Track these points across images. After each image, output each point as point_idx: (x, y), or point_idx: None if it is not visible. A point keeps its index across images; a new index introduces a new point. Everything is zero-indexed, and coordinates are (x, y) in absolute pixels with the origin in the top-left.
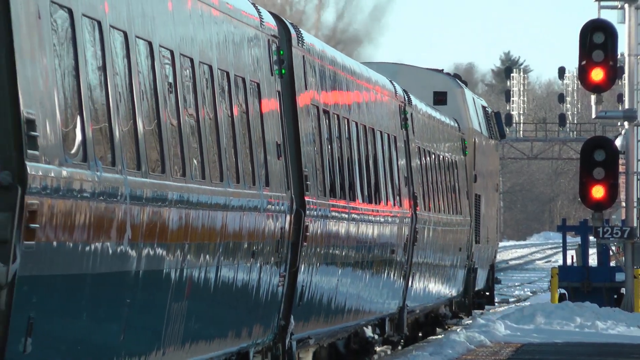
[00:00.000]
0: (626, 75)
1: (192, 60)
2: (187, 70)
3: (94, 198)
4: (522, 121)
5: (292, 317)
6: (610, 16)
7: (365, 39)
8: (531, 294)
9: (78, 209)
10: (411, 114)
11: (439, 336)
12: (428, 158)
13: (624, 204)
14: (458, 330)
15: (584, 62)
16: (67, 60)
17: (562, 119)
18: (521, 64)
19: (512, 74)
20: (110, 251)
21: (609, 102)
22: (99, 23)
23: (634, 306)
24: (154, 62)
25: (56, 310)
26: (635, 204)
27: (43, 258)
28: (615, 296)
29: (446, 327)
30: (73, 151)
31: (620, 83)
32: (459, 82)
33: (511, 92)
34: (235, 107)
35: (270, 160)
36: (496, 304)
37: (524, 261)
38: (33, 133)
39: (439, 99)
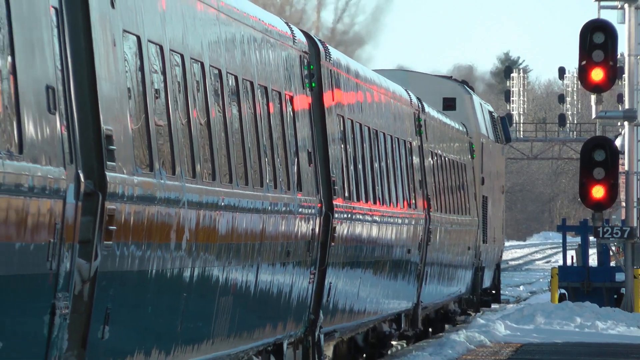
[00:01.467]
0: (626, 75)
1: (236, 78)
2: (233, 87)
3: (159, 203)
4: (522, 121)
5: (320, 312)
6: (610, 16)
7: (365, 40)
8: (531, 294)
9: (146, 213)
10: (424, 120)
11: (448, 333)
12: (439, 162)
13: (624, 204)
14: (458, 330)
15: (584, 62)
16: (135, 81)
17: (562, 119)
18: (520, 64)
19: (511, 74)
20: (173, 250)
21: (609, 102)
22: (161, 47)
23: (634, 306)
24: (205, 80)
25: (128, 302)
26: (635, 204)
27: (118, 256)
28: (615, 296)
29: (455, 323)
30: (142, 162)
31: (620, 83)
32: (467, 88)
33: (511, 92)
34: (273, 119)
35: (303, 166)
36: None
37: (524, 261)
38: (111, 147)
39: (448, 104)
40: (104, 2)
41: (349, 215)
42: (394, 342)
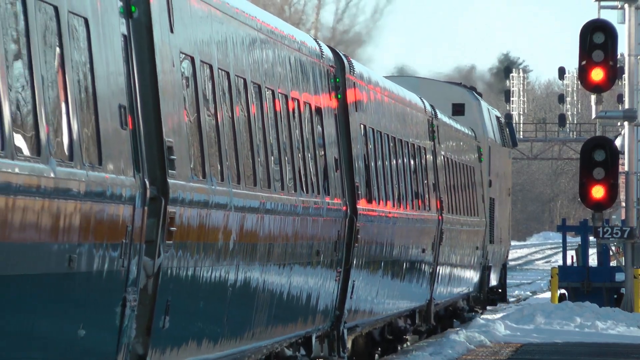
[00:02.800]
0: (626, 75)
1: (273, 92)
2: (270, 100)
3: (210, 207)
4: (522, 121)
5: (345, 308)
6: (610, 16)
7: (365, 40)
8: (531, 294)
9: (200, 216)
10: (437, 126)
11: (448, 333)
12: (450, 165)
13: (624, 204)
14: (458, 330)
15: (584, 62)
16: (191, 98)
17: (562, 119)
18: (520, 64)
19: (511, 74)
20: (221, 250)
21: (609, 102)
22: (211, 67)
23: (634, 306)
24: (247, 95)
25: (184, 295)
26: (635, 204)
27: (177, 254)
28: (615, 296)
29: (464, 320)
30: (196, 170)
31: (620, 83)
32: (475, 94)
33: (511, 92)
34: (304, 129)
35: (330, 172)
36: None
37: (524, 261)
38: (172, 157)
39: (457, 110)
40: (165, 28)
41: (371, 218)
42: (408, 337)
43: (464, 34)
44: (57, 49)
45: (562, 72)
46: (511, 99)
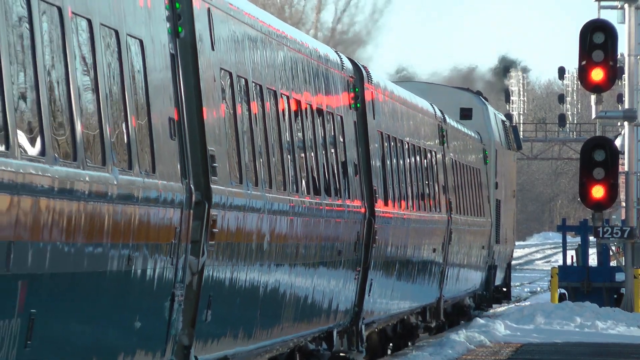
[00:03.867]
0: (626, 75)
1: (299, 102)
2: (297, 110)
3: (247, 210)
4: (521, 121)
5: (363, 305)
6: (610, 16)
7: (365, 40)
8: (531, 294)
9: (238, 218)
10: (446, 131)
11: (448, 333)
12: (459, 168)
13: (624, 204)
14: (458, 330)
15: (584, 62)
16: (229, 109)
17: (562, 119)
18: (520, 63)
19: (511, 74)
20: (256, 249)
21: (609, 102)
22: (246, 80)
23: (634, 306)
24: (277, 106)
25: (224, 291)
26: (635, 204)
27: (219, 253)
28: (615, 296)
29: (470, 317)
30: (234, 176)
31: (620, 83)
32: (482, 99)
33: (511, 92)
34: (327, 136)
35: (351, 177)
36: (495, 304)
37: (524, 261)
38: (214, 164)
39: (465, 114)
40: (207, 46)
41: (388, 219)
42: (420, 333)
43: (464, 33)
44: (118, 68)
45: (562, 72)
46: (511, 98)
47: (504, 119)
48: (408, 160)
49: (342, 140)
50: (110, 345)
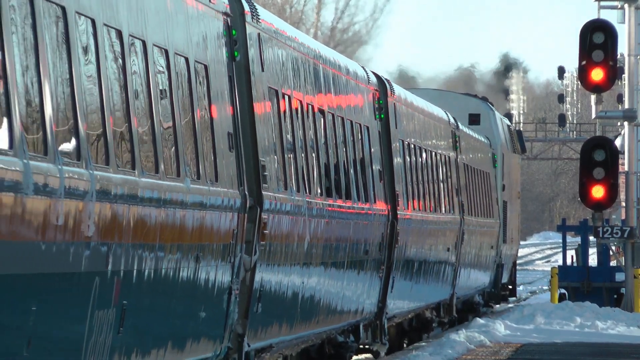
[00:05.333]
0: (626, 75)
1: (333, 115)
2: (331, 122)
3: (291, 214)
4: (521, 121)
5: (387, 300)
6: (610, 16)
7: (365, 40)
8: (531, 294)
9: (284, 220)
10: (459, 136)
11: (448, 333)
12: (470, 171)
13: (624, 204)
14: (458, 330)
15: (584, 62)
16: (276, 124)
17: (562, 119)
18: (520, 64)
19: (511, 74)
20: (299, 249)
21: (609, 102)
22: (289, 97)
23: (634, 306)
24: (314, 118)
25: (272, 286)
26: (635, 204)
27: (268, 252)
28: (615, 296)
29: (480, 313)
30: (281, 183)
31: (620, 83)
32: (489, 105)
33: (510, 91)
34: (356, 145)
35: (377, 183)
36: (496, 305)
37: (524, 261)
38: (265, 173)
39: (473, 119)
40: (258, 67)
41: (408, 221)
42: (434, 325)
43: (464, 33)
44: (188, 92)
45: (561, 71)
46: (511, 97)
47: (509, 123)
48: (425, 165)
49: (369, 148)
50: (182, 332)
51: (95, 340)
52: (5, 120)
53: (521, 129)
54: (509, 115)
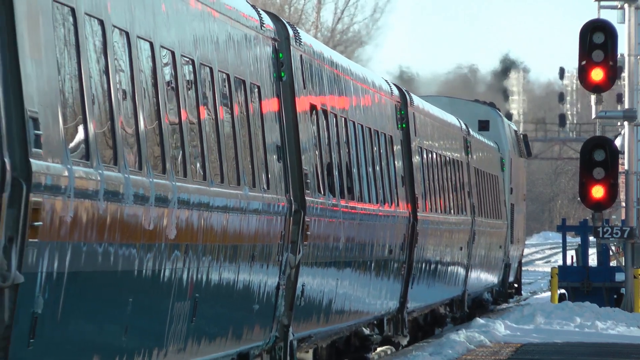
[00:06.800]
0: (626, 75)
1: (362, 126)
2: (360, 133)
3: (328, 216)
4: (521, 121)
5: (408, 296)
6: (610, 16)
7: (365, 40)
8: (531, 294)
9: (323, 223)
10: (470, 142)
11: (448, 333)
12: (480, 175)
13: (624, 204)
14: (458, 330)
15: (584, 62)
16: (317, 136)
17: (562, 118)
18: (521, 63)
19: (510, 74)
20: (335, 248)
21: (608, 102)
22: (326, 112)
23: (634, 306)
24: (347, 129)
25: (312, 281)
26: (635, 204)
27: (310, 251)
28: (615, 296)
29: (488, 310)
30: (320, 190)
31: (620, 83)
32: (497, 111)
33: (510, 92)
34: (382, 153)
35: (399, 188)
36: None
37: (524, 261)
38: (307, 180)
39: (482, 126)
40: (300, 85)
41: (427, 223)
42: (448, 320)
43: (464, 34)
44: (245, 109)
45: (562, 72)
46: (511, 97)
47: (515, 128)
48: (441, 170)
49: (393, 155)
50: (240, 322)
51: (175, 327)
52: (110, 141)
53: (521, 128)
54: (508, 115)
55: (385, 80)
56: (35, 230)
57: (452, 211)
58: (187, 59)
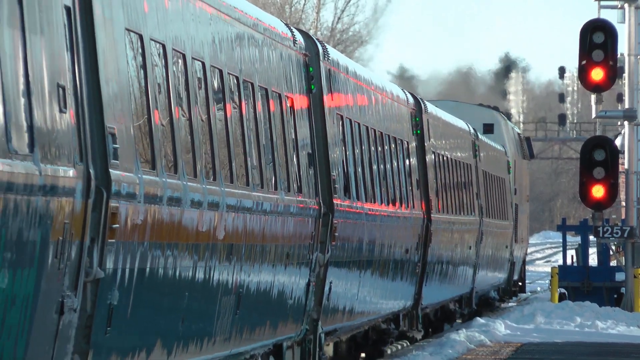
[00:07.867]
0: (626, 75)
1: (382, 134)
2: (380, 141)
3: (354, 218)
4: (521, 120)
5: (422, 293)
6: (610, 16)
7: (365, 39)
8: (531, 294)
9: (349, 224)
10: (478, 145)
11: (448, 333)
12: (487, 177)
13: (624, 203)
14: (458, 330)
15: (584, 62)
16: (343, 142)
17: (562, 118)
18: (521, 64)
19: (511, 74)
20: (358, 249)
21: (609, 102)
22: (350, 120)
23: (634, 306)
24: (368, 138)
25: (339, 279)
26: (635, 204)
27: (338, 251)
28: (615, 296)
29: (495, 308)
30: (346, 193)
31: (620, 83)
32: (502, 114)
33: (509, 92)
34: (400, 158)
35: (414, 189)
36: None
37: None
38: (335, 185)
39: (487, 129)
40: (329, 98)
41: (440, 223)
42: (457, 317)
43: (464, 33)
44: (280, 120)
45: (562, 71)
46: (510, 97)
47: (519, 130)
48: (451, 173)
49: (409, 160)
50: (276, 315)
51: (222, 319)
52: (171, 152)
53: (521, 128)
54: (508, 114)
55: (402, 89)
56: (113, 232)
57: (462, 212)
58: (234, 77)
